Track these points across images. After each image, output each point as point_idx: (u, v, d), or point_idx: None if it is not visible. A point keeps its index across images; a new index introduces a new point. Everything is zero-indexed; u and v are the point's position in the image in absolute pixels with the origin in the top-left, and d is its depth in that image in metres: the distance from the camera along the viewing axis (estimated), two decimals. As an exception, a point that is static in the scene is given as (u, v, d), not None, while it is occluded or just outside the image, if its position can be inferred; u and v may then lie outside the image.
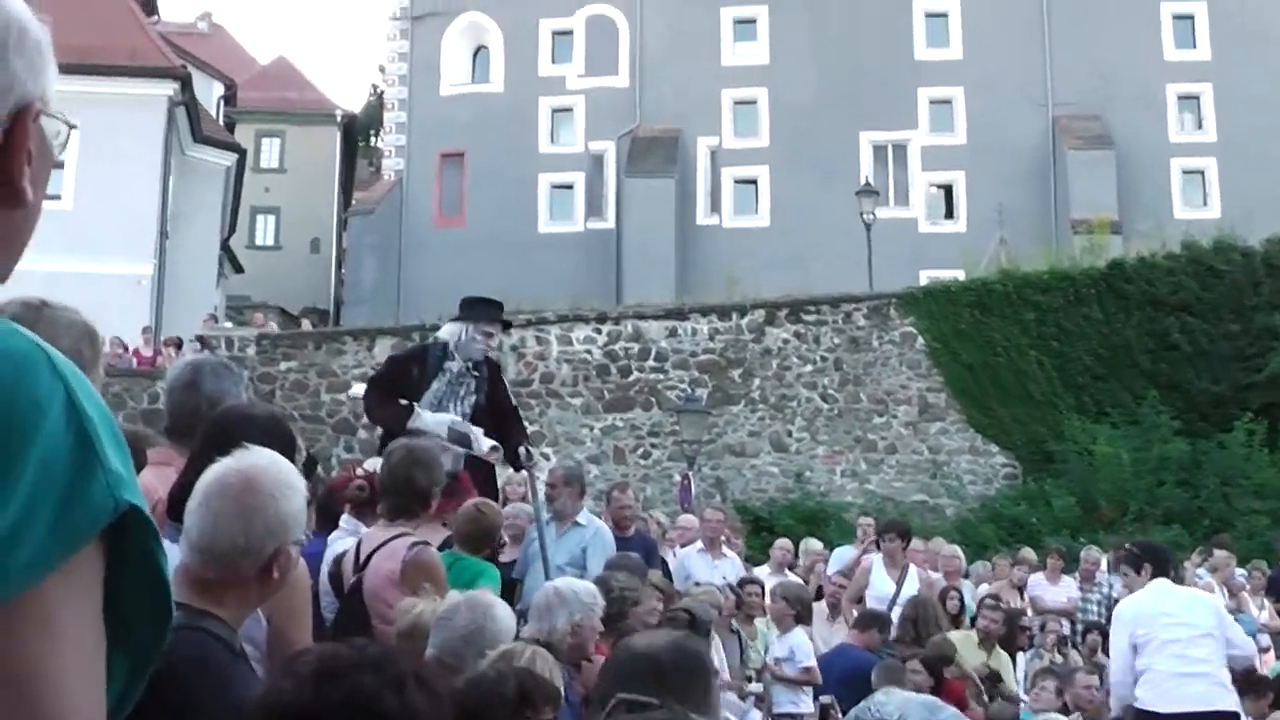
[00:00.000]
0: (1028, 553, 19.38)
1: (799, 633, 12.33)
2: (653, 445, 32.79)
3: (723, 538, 14.69)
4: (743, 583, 12.78)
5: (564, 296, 37.14)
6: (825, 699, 10.30)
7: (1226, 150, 47.46)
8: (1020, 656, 14.18)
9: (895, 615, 12.38)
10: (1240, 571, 16.81)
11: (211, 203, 42.76)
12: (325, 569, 6.85)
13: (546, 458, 31.83)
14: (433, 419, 10.28)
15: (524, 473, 10.67)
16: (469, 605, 4.97)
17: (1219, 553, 18.20)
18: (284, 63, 64.19)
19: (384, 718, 2.57)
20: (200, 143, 41.54)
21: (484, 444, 9.95)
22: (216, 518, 3.40)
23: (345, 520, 7.63)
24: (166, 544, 1.84)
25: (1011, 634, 13.40)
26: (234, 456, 3.51)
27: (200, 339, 32.19)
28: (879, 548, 14.39)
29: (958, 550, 16.82)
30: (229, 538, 3.39)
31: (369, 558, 6.42)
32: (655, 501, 28.83)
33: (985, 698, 11.05)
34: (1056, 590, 17.55)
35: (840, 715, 9.70)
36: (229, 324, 39.57)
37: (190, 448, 4.46)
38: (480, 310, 10.16)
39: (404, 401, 9.84)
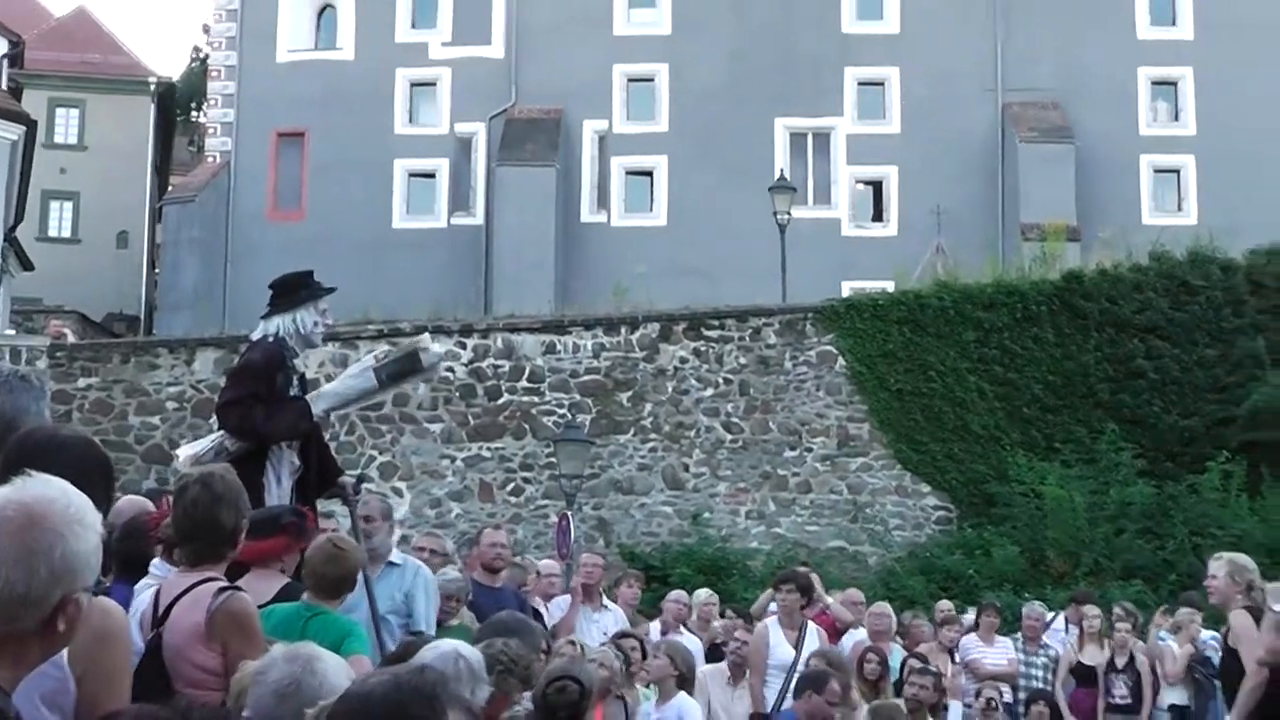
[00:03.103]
0: (945, 605, 19.73)
1: (684, 697, 12.55)
2: (525, 480, 32.96)
3: (603, 587, 15.04)
4: (620, 636, 12.55)
5: (423, 304, 37.15)
6: None
7: (1207, 147, 48.08)
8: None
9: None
10: (1210, 634, 17.06)
11: (-9, 184, 42.31)
12: (135, 623, 6.63)
13: (399, 494, 32.11)
14: (341, 385, 10.28)
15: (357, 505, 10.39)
16: (287, 658, 4.78)
17: (1183, 610, 18.46)
18: (84, 17, 63.10)
19: None
20: (-23, 111, 41.14)
21: (434, 346, 10.02)
22: None
23: (156, 565, 7.56)
24: None
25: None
26: (14, 486, 3.38)
27: (-23, 349, 31.83)
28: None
29: (887, 608, 16.99)
30: (5, 583, 3.25)
31: (168, 609, 6.29)
32: (528, 545, 29.00)
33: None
34: (995, 652, 17.90)
35: None
36: (11, 331, 39.18)
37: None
38: (314, 286, 10.05)
39: (292, 396, 9.75)
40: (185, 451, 10.15)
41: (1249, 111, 46.92)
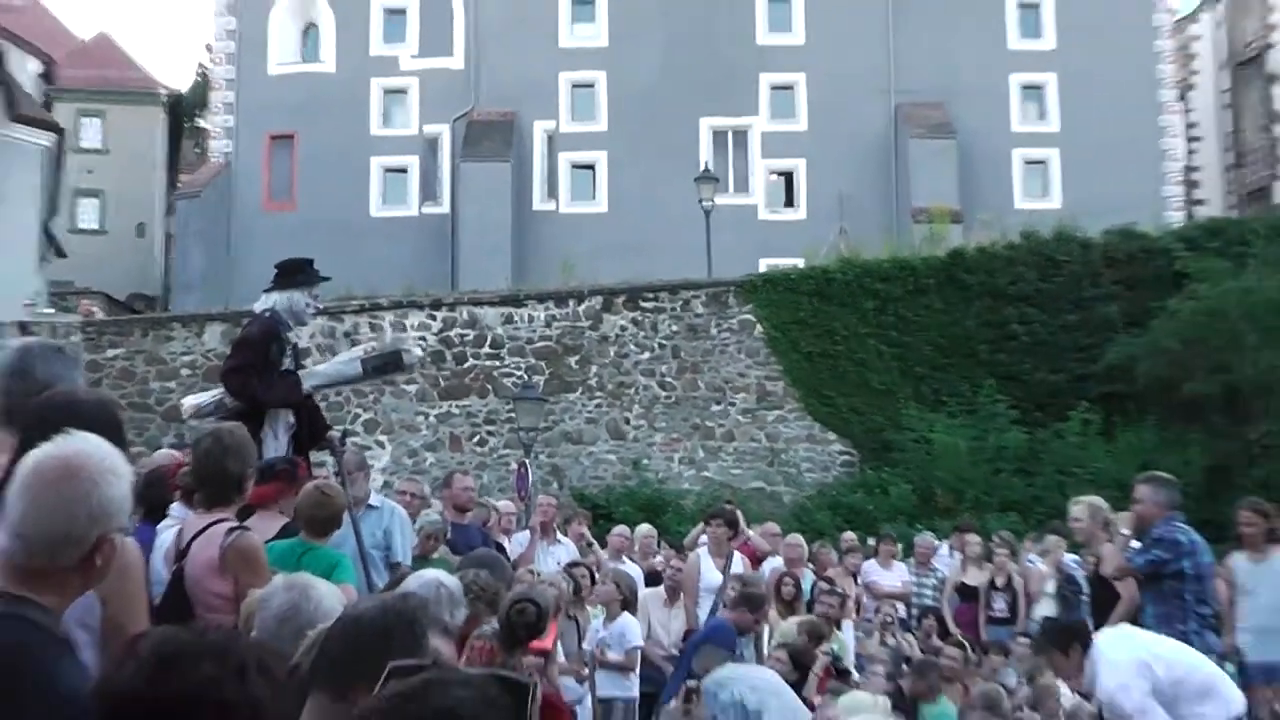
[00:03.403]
0: (849, 536, 20.01)
1: (627, 616, 12.93)
2: (489, 433, 33.01)
3: (557, 524, 15.23)
4: (571, 565, 13.03)
5: (398, 282, 37.02)
6: (691, 684, 10.38)
7: (1069, 141, 48.33)
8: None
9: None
10: (1072, 557, 17.34)
11: (29, 184, 41.74)
12: (159, 557, 6.93)
13: (381, 445, 32.18)
14: (331, 369, 10.32)
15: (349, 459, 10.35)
16: (286, 585, 4.83)
17: (1050, 538, 18.71)
18: (105, 39, 62.50)
19: (225, 707, 2.56)
20: (16, 121, 40.71)
21: (415, 349, 10.03)
22: (37, 505, 3.36)
23: (175, 508, 7.68)
24: None
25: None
26: (55, 442, 3.45)
27: (22, 326, 31.88)
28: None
29: (800, 538, 17.20)
30: (50, 525, 3.35)
31: (189, 545, 6.44)
32: (492, 489, 28.97)
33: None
34: (891, 575, 18.25)
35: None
36: (50, 310, 39.10)
37: (27, 436, 4.36)
38: (311, 273, 10.02)
39: (285, 368, 9.69)
40: (190, 401, 10.32)
41: (1104, 110, 47.19)
